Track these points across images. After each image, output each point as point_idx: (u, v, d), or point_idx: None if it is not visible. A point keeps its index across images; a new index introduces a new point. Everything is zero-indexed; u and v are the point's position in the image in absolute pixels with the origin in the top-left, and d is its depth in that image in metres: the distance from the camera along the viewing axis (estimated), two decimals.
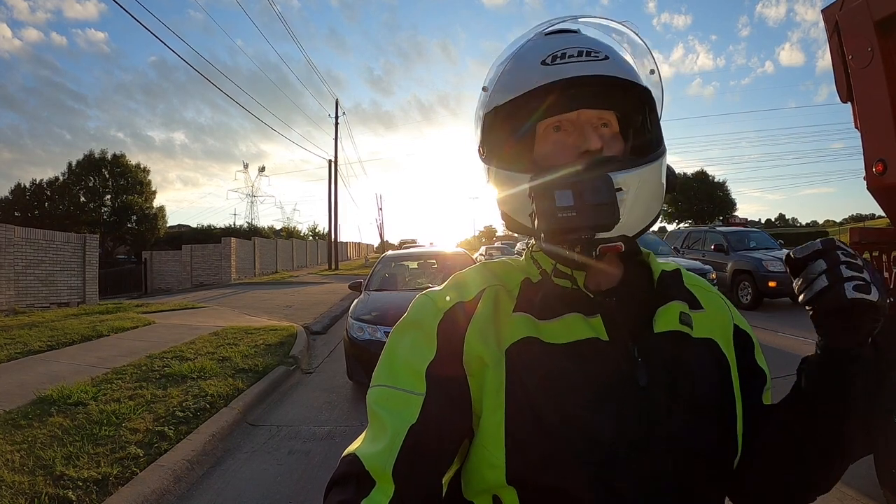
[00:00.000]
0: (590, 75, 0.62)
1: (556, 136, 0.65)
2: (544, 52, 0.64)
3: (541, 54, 0.64)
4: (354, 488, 0.55)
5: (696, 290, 0.70)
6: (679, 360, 0.61)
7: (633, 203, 0.60)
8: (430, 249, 8.56)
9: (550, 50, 0.64)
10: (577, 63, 0.62)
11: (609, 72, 0.62)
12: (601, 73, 0.62)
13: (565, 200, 0.56)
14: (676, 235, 12.99)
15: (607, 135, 0.65)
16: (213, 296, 15.04)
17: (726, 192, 46.87)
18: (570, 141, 0.64)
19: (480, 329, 0.61)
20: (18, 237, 11.33)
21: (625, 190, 0.59)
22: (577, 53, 0.63)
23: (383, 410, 0.59)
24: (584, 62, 0.62)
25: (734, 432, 0.62)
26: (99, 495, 2.75)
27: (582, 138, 0.63)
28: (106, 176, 31.17)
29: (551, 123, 0.65)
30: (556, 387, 0.58)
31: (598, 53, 0.63)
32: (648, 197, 0.63)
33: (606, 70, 0.62)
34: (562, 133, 0.65)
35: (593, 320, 0.61)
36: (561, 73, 0.62)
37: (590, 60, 0.62)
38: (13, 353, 6.04)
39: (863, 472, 2.55)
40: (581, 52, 0.63)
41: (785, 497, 0.64)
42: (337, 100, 29.72)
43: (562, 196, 0.56)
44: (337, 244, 31.00)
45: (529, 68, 0.64)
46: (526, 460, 0.56)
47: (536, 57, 0.64)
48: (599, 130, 0.64)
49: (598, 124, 0.65)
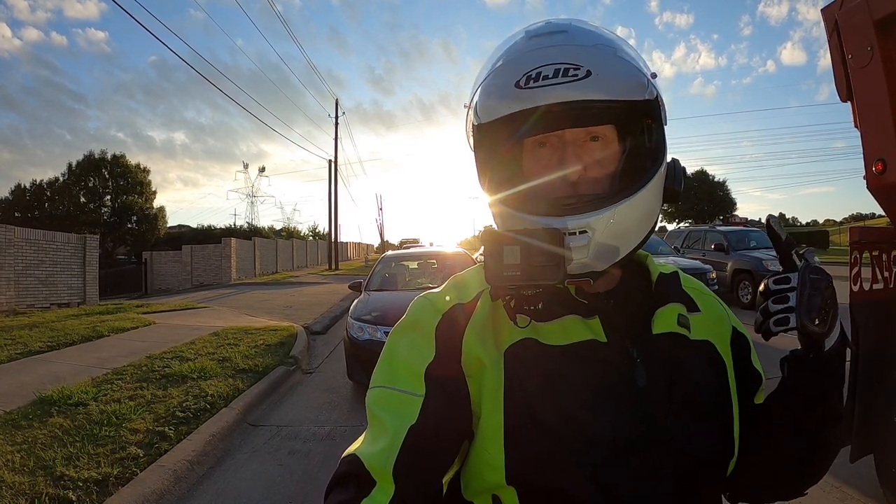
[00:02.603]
0: (563, 102, 0.57)
1: (542, 152, 0.64)
2: (520, 70, 0.59)
3: (515, 73, 0.60)
4: (355, 488, 0.55)
5: (693, 292, 0.71)
6: (677, 362, 0.62)
7: (599, 243, 0.59)
8: (430, 249, 8.56)
9: (526, 67, 0.59)
10: (551, 87, 0.57)
11: (589, 94, 0.57)
12: (576, 99, 0.57)
13: (512, 258, 0.57)
14: (676, 235, 12.99)
15: (597, 150, 0.62)
16: (213, 296, 15.05)
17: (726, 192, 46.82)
18: (553, 159, 0.63)
19: (479, 330, 0.62)
20: (18, 238, 11.33)
21: (589, 232, 0.58)
22: (554, 73, 0.57)
23: (383, 411, 0.59)
24: (560, 84, 0.57)
25: (731, 433, 0.63)
26: (99, 496, 2.75)
27: (562, 160, 0.61)
28: (106, 176, 31.13)
29: (536, 140, 0.64)
30: (554, 388, 0.58)
31: (579, 70, 0.57)
32: (624, 230, 0.60)
33: (584, 93, 0.57)
34: (547, 149, 0.63)
35: (591, 322, 0.62)
36: (535, 98, 0.58)
37: (567, 81, 0.57)
38: (13, 354, 6.04)
39: (863, 471, 2.55)
40: (558, 71, 0.57)
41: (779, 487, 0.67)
42: (337, 100, 29.79)
43: (509, 253, 0.57)
44: (337, 244, 31.01)
45: (503, 90, 0.61)
46: (525, 461, 0.56)
47: (511, 77, 0.60)
48: (586, 146, 0.62)
49: (586, 139, 0.62)
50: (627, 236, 0.61)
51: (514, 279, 0.56)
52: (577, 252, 0.58)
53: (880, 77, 2.25)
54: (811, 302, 0.56)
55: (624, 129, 0.64)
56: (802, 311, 0.56)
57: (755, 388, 0.69)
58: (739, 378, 0.67)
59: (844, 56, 2.43)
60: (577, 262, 0.59)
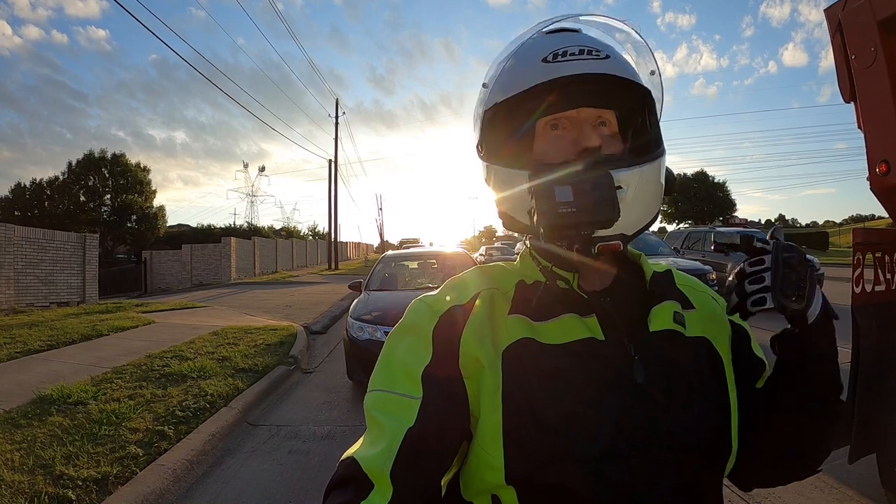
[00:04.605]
0: (591, 73, 0.61)
1: (554, 133, 0.65)
2: (545, 50, 0.64)
3: (542, 52, 0.64)
4: (353, 491, 0.55)
5: (687, 289, 0.72)
6: (674, 358, 0.62)
7: (632, 201, 0.60)
8: (430, 249, 8.56)
9: (551, 48, 0.64)
10: (578, 61, 0.62)
11: (610, 70, 0.62)
12: (602, 72, 0.62)
13: (565, 196, 0.56)
14: (676, 236, 12.99)
15: (606, 133, 0.65)
16: (212, 295, 15.04)
17: (726, 193, 46.85)
18: (568, 138, 0.64)
19: (476, 331, 0.62)
20: (18, 236, 11.33)
21: (624, 188, 0.59)
22: (579, 52, 0.63)
23: (381, 415, 0.59)
24: (586, 60, 0.62)
25: (729, 427, 0.64)
26: (99, 495, 2.75)
27: (581, 135, 0.63)
28: (106, 175, 31.11)
29: (550, 121, 0.65)
30: (553, 386, 0.58)
31: (599, 52, 0.63)
32: (648, 196, 0.63)
33: (607, 69, 0.62)
34: (560, 131, 0.65)
35: (589, 320, 0.62)
36: (562, 70, 0.62)
37: (591, 59, 0.62)
38: (13, 353, 6.03)
39: (862, 472, 2.55)
40: (582, 51, 0.63)
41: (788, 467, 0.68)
42: (337, 99, 29.80)
43: (562, 192, 0.56)
44: (337, 244, 31.01)
45: (530, 66, 0.64)
46: (525, 460, 0.56)
47: (537, 54, 0.64)
48: (598, 129, 0.64)
49: (596, 123, 0.64)
50: (649, 204, 0.64)
51: (570, 216, 0.56)
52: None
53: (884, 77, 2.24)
54: (786, 280, 0.57)
55: (627, 120, 0.68)
56: (778, 289, 0.57)
57: (758, 375, 0.69)
58: (741, 369, 0.68)
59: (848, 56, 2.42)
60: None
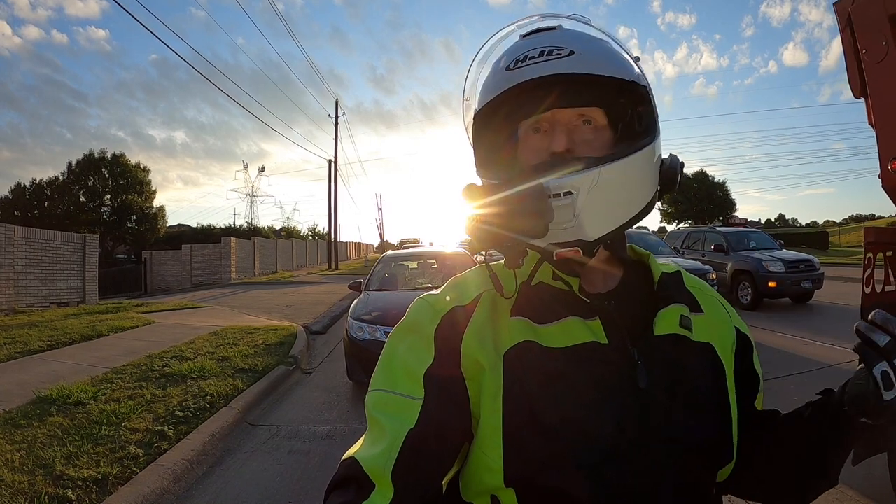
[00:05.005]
0: (546, 76, 0.59)
1: (535, 137, 0.64)
2: (510, 58, 0.63)
3: (506, 60, 0.63)
4: (354, 491, 0.55)
5: (696, 292, 0.70)
6: (678, 364, 0.61)
7: (585, 206, 0.58)
8: (430, 249, 8.55)
9: (515, 54, 0.62)
10: (536, 64, 0.60)
11: (569, 69, 0.59)
12: (559, 72, 0.59)
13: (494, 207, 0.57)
14: (676, 236, 12.98)
15: (588, 133, 0.62)
16: (212, 295, 15.04)
17: (726, 192, 46.80)
18: (545, 143, 0.63)
19: (478, 333, 0.61)
20: (18, 236, 11.32)
21: (574, 192, 0.57)
22: (538, 54, 0.60)
23: (382, 415, 0.59)
24: (544, 62, 0.60)
25: (730, 434, 0.63)
26: (99, 495, 2.75)
27: (552, 139, 0.62)
28: (106, 175, 31.08)
29: (530, 125, 0.64)
30: (555, 389, 0.58)
31: (562, 51, 0.60)
32: (613, 197, 0.59)
33: (566, 68, 0.59)
34: (540, 135, 0.64)
35: (592, 323, 0.61)
36: (519, 76, 0.61)
37: (550, 60, 0.60)
38: (13, 353, 6.03)
39: (861, 472, 2.55)
40: (542, 52, 0.60)
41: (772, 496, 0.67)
42: (337, 99, 29.76)
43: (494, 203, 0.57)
44: (337, 244, 30.99)
45: (495, 75, 0.64)
46: (524, 463, 0.56)
47: (501, 63, 0.64)
48: (578, 129, 0.62)
49: (577, 122, 0.62)
50: (616, 205, 0.60)
51: (491, 231, 0.57)
52: (562, 213, 0.57)
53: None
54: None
55: (614, 114, 0.64)
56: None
57: (755, 390, 0.68)
58: (740, 381, 0.67)
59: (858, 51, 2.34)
60: (563, 228, 0.58)
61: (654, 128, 0.64)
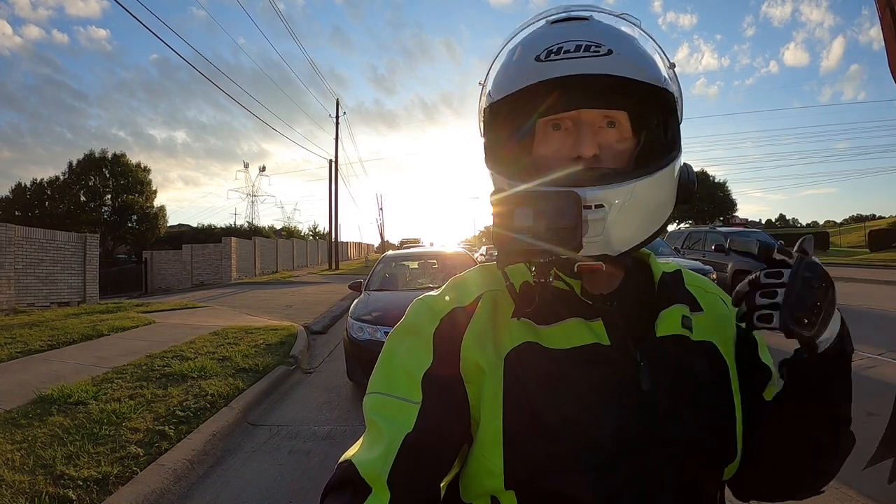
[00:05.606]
0: (584, 74, 0.56)
1: (555, 135, 0.62)
2: (540, 46, 0.59)
3: (536, 48, 0.59)
4: (350, 495, 0.54)
5: (696, 290, 0.69)
6: (680, 365, 0.61)
7: (616, 220, 0.56)
8: (431, 249, 8.55)
9: (547, 43, 0.59)
10: (572, 61, 0.57)
11: (609, 70, 0.56)
12: (598, 72, 0.56)
13: (524, 220, 0.52)
14: (677, 236, 12.98)
15: (612, 136, 0.61)
16: (213, 295, 15.04)
17: (727, 192, 46.74)
18: (567, 142, 0.61)
19: (478, 335, 0.60)
20: (19, 236, 11.32)
21: (606, 206, 0.55)
22: (575, 48, 0.57)
23: (379, 418, 0.58)
24: (581, 59, 0.57)
25: (734, 435, 0.62)
26: (99, 494, 2.75)
27: (578, 141, 0.59)
28: (106, 175, 31.11)
29: (550, 121, 0.62)
30: (556, 391, 0.57)
31: (601, 48, 0.57)
32: (642, 212, 0.58)
33: (606, 68, 0.56)
34: (561, 132, 0.62)
35: (594, 324, 0.60)
36: (552, 71, 0.57)
37: (588, 56, 0.56)
38: (14, 353, 6.03)
39: (861, 472, 2.54)
40: (580, 47, 0.57)
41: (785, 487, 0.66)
42: (338, 99, 29.79)
43: (521, 214, 0.52)
44: (337, 244, 31.00)
45: (522, 64, 0.60)
46: (525, 465, 0.56)
47: (531, 51, 0.60)
48: (602, 132, 0.61)
49: (602, 124, 0.60)
50: (644, 220, 0.59)
51: (522, 243, 0.52)
52: (593, 227, 0.55)
53: None
54: (799, 301, 0.51)
55: (640, 119, 0.63)
56: (787, 310, 0.51)
57: (764, 382, 0.66)
58: (746, 376, 0.65)
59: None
60: (591, 241, 0.56)
61: (678, 138, 0.63)
